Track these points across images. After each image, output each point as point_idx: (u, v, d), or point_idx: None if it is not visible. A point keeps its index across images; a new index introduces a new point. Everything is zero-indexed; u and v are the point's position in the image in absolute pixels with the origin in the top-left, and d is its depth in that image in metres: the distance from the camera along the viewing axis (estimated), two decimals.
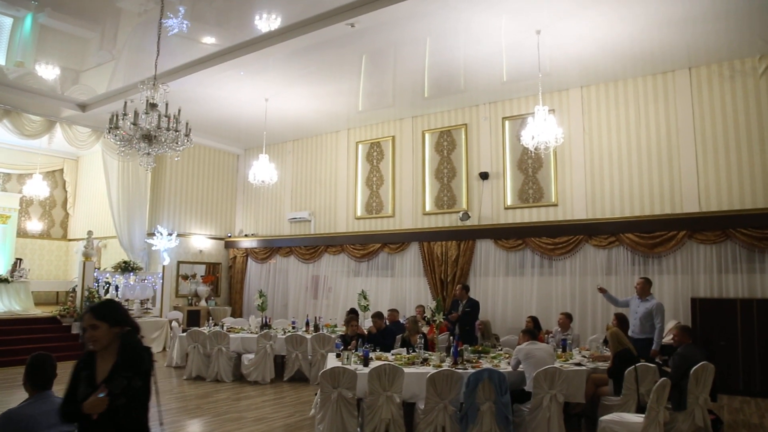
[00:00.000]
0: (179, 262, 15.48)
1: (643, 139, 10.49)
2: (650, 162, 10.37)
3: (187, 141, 7.90)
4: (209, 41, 10.29)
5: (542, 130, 8.22)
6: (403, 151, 13.69)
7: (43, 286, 17.20)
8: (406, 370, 6.30)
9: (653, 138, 10.39)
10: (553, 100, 11.34)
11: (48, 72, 13.49)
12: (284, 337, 9.77)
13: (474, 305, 8.77)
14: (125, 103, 7.51)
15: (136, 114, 7.37)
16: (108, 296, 13.63)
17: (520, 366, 6.23)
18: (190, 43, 10.69)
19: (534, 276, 11.10)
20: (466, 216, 12.07)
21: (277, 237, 15.73)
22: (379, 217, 13.92)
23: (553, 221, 11.06)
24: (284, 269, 15.49)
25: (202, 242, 16.14)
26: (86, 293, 12.57)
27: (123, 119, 7.42)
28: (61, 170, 18.86)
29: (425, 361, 6.80)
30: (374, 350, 7.66)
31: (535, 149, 8.38)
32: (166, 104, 7.77)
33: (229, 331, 10.41)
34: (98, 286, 13.20)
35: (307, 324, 11.05)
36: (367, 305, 11.04)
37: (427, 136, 13.32)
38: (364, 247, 13.60)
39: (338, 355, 7.27)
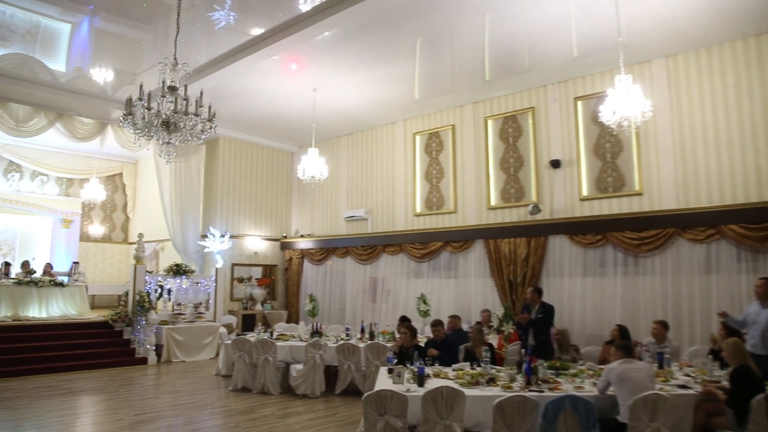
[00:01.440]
0: (233, 265, 14.96)
1: (745, 112, 8.92)
2: (755, 139, 8.80)
3: (210, 128, 7.08)
4: (251, 25, 9.56)
5: (625, 104, 6.93)
6: (464, 141, 12.57)
7: (104, 290, 17.21)
8: (469, 392, 5.25)
9: (758, 111, 8.81)
10: (633, 73, 9.87)
11: (101, 74, 13.27)
12: (335, 346, 8.89)
13: (548, 311, 7.56)
14: (140, 86, 6.78)
15: (149, 96, 6.62)
16: (160, 300, 13.25)
17: (610, 388, 5.04)
18: (232, 31, 10.04)
19: (617, 276, 9.72)
20: (536, 209, 10.82)
21: (333, 237, 14.94)
22: (439, 213, 12.85)
23: (638, 212, 9.64)
24: (341, 271, 14.68)
25: (257, 243, 15.57)
26: (137, 297, 12.15)
27: (138, 104, 6.67)
28: (121, 174, 18.87)
29: (492, 381, 5.71)
30: (433, 364, 6.65)
31: (618, 126, 7.09)
32: (185, 87, 7.00)
33: (278, 339, 9.65)
34: (150, 290, 12.79)
35: (362, 331, 10.14)
36: (427, 310, 10.03)
37: (490, 123, 12.14)
38: (425, 246, 12.56)
39: (390, 371, 6.30)
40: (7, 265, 13.25)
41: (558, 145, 10.95)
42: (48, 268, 13.92)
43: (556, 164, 10.83)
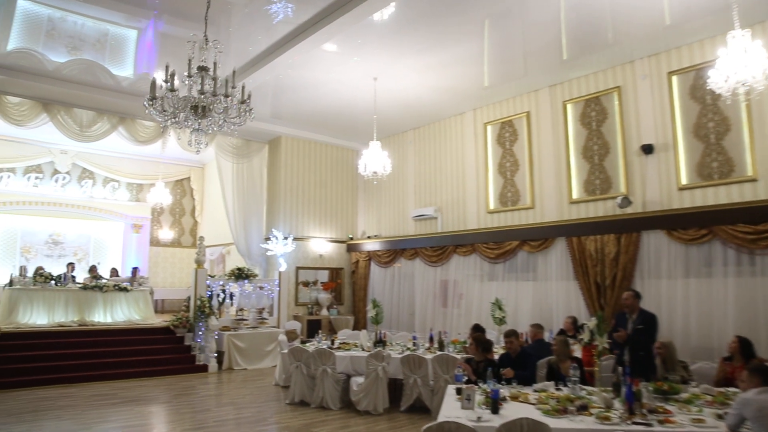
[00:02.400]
0: (298, 268, 14.40)
1: None
2: None
3: (246, 111, 6.36)
4: (302, 9, 8.84)
5: (742, 66, 5.65)
6: (540, 129, 11.39)
7: (173, 294, 17.13)
8: (555, 423, 4.25)
9: None
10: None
11: (163, 77, 13.01)
12: (400, 357, 8.01)
13: (650, 321, 6.28)
14: (167, 67, 6.14)
15: (172, 76, 5.97)
16: (223, 306, 12.84)
17: (745, 425, 3.88)
18: (284, 19, 9.39)
19: (728, 277, 8.26)
20: (626, 202, 9.52)
21: (401, 238, 14.08)
22: (515, 209, 11.72)
23: (753, 201, 8.16)
24: (409, 273, 13.80)
25: (322, 246, 14.95)
26: (198, 302, 11.77)
27: (164, 87, 6.04)
28: (188, 178, 18.85)
29: (584, 408, 4.63)
30: (509, 383, 5.64)
31: (732, 95, 5.81)
32: (214, 64, 6.31)
33: (339, 348, 8.88)
34: (213, 294, 12.40)
35: (431, 340, 9.21)
36: (503, 317, 8.98)
37: (569, 107, 10.90)
38: (499, 245, 11.47)
39: (459, 391, 5.35)
40: (71, 265, 13.25)
41: (650, 128, 9.59)
42: (113, 273, 13.86)
43: (648, 149, 9.48)
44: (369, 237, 15.14)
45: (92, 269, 13.28)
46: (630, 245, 9.32)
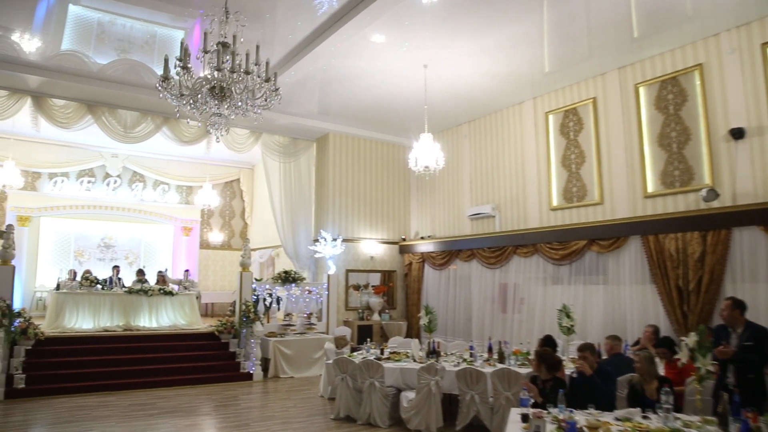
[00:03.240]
0: (347, 271, 13.75)
1: None
2: None
3: (272, 92, 5.68)
4: None
5: None
6: (609, 116, 10.31)
7: (223, 298, 16.83)
8: None
9: None
10: None
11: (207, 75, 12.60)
12: (455, 370, 7.18)
13: (761, 336, 5.17)
14: (181, 43, 5.51)
15: (185, 52, 5.33)
16: (269, 310, 12.33)
17: None
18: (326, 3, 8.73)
19: None
20: (712, 194, 8.36)
21: (456, 238, 13.21)
22: (582, 205, 10.66)
23: None
24: (466, 276, 12.91)
25: (373, 247, 14.25)
26: (243, 307, 11.28)
27: (178, 67, 5.40)
28: (238, 180, 18.58)
29: None
30: (584, 408, 4.74)
31: None
32: (234, 36, 5.64)
33: (389, 359, 8.13)
34: (258, 299, 11.90)
35: (489, 350, 8.33)
36: (572, 326, 7.99)
37: (641, 90, 9.78)
38: (564, 245, 10.44)
39: (524, 418, 4.51)
40: (116, 268, 13.03)
41: (740, 110, 8.39)
42: (161, 276, 13.60)
43: (738, 134, 8.29)
44: (422, 238, 14.34)
45: (139, 272, 13.03)
46: (718, 244, 8.15)
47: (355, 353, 8.89)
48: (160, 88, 5.34)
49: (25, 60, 10.21)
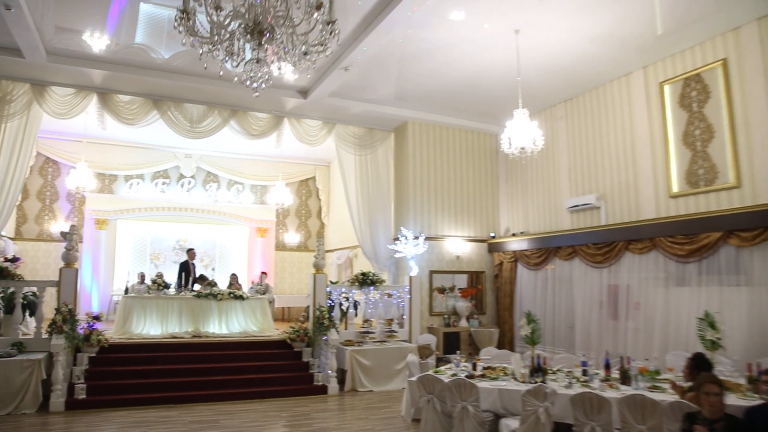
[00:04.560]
0: (431, 272, 12.45)
1: None
2: None
3: (329, 32, 4.41)
4: None
5: None
6: (744, 80, 8.43)
7: (300, 302, 15.97)
8: None
9: None
10: None
11: (276, 67, 11.69)
12: (569, 394, 5.73)
13: None
14: None
15: None
16: (346, 316, 11.24)
17: None
18: None
19: None
20: None
21: (553, 234, 11.61)
22: (712, 189, 8.83)
23: None
24: (566, 277, 11.28)
25: (459, 246, 12.88)
26: (317, 312, 10.26)
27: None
28: (313, 178, 17.76)
29: None
30: None
31: None
32: None
33: (483, 376, 6.79)
34: (333, 303, 10.85)
35: (607, 367, 6.80)
36: (718, 339, 6.31)
37: None
38: (692, 239, 8.66)
39: None
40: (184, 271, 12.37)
41: None
42: (233, 280, 12.86)
43: None
44: (514, 234, 12.81)
45: (201, 278, 12.34)
46: None
47: (442, 367, 7.60)
48: (176, 24, 4.22)
49: (91, 54, 9.74)
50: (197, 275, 12.56)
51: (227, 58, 4.16)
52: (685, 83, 9.32)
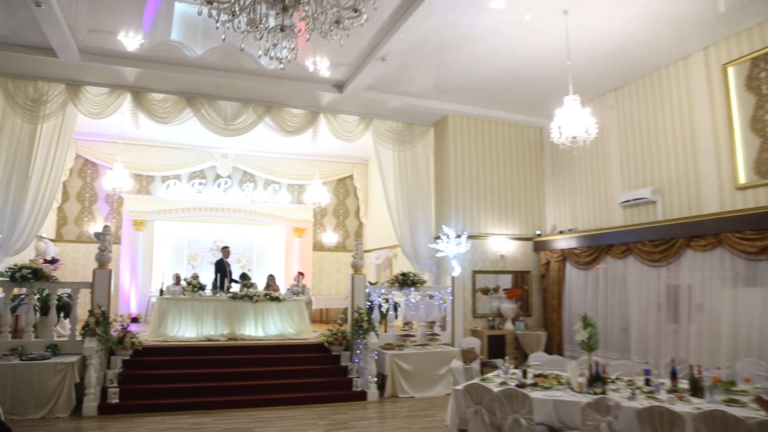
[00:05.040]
0: (474, 272, 11.89)
1: None
2: None
3: None
4: None
5: None
6: None
7: (339, 303, 15.60)
8: None
9: None
10: None
11: (312, 62, 11.42)
12: (634, 407, 5.13)
13: None
14: None
15: None
16: (386, 318, 10.79)
17: None
18: None
19: None
20: None
21: (604, 231, 10.90)
22: None
23: None
24: (619, 277, 10.58)
25: (503, 244, 12.28)
26: (355, 315, 9.83)
27: None
28: (351, 176, 17.37)
29: None
30: None
31: None
32: None
33: (536, 384, 6.23)
34: (372, 305, 10.41)
35: (674, 375, 6.15)
36: None
37: None
38: (763, 234, 7.87)
39: None
40: (220, 272, 12.10)
41: None
42: (271, 281, 12.56)
43: None
44: (561, 232, 12.13)
45: (243, 276, 12.07)
46: None
47: (489, 374, 7.06)
48: None
49: (124, 52, 9.58)
50: (239, 274, 12.32)
51: (249, 29, 3.71)
52: (753, 64, 8.52)
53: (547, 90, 10.82)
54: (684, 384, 6.03)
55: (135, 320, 13.83)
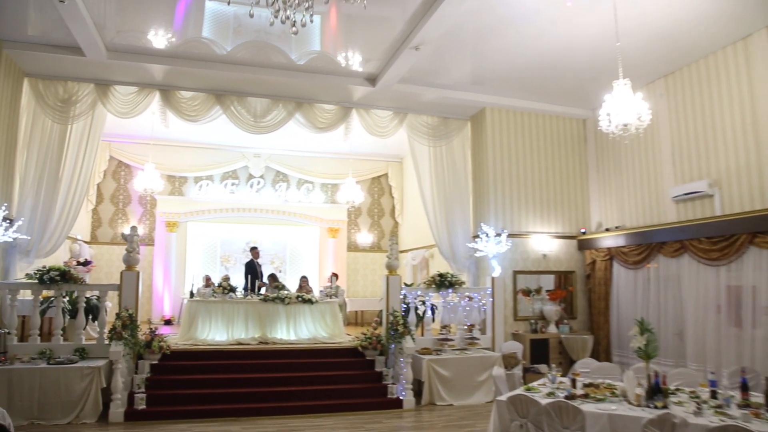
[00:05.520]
0: (515, 272, 11.30)
1: None
2: None
3: None
4: None
5: None
6: None
7: (374, 305, 15.18)
8: None
9: None
10: None
11: (344, 57, 11.03)
12: (705, 425, 4.53)
13: None
14: None
15: None
16: (422, 321, 10.32)
17: None
18: None
19: None
20: None
21: (655, 227, 10.19)
22: None
23: None
24: (673, 276, 9.85)
25: (546, 243, 11.65)
26: (390, 318, 9.39)
27: None
28: (386, 175, 16.94)
29: None
30: None
31: None
32: None
33: (586, 395, 5.66)
34: (408, 308, 9.94)
35: (744, 387, 5.49)
36: None
37: None
38: None
39: None
40: (251, 274, 11.77)
41: None
42: (303, 282, 12.21)
43: None
44: (607, 229, 11.44)
45: (272, 278, 11.75)
46: None
47: (534, 383, 6.51)
48: None
49: (152, 49, 9.39)
50: (267, 275, 12.03)
51: None
52: None
53: (593, 76, 10.17)
54: (757, 397, 5.38)
55: (168, 322, 13.70)
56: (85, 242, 13.99)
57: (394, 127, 11.62)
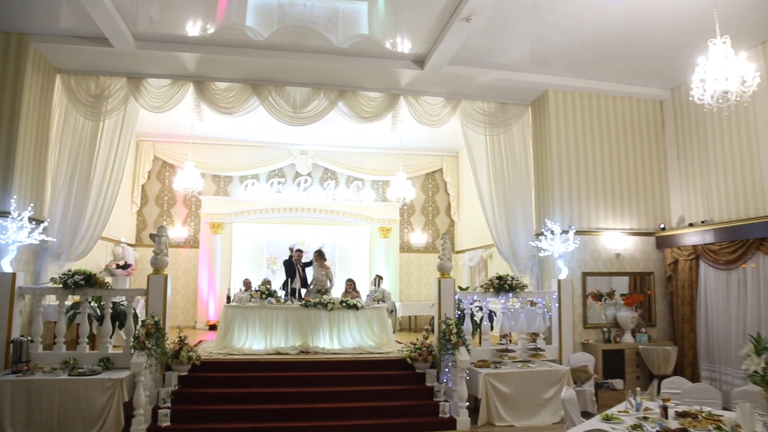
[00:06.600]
0: (584, 274, 10.03)
1: None
2: None
3: None
4: None
5: None
6: None
7: (428, 310, 14.14)
8: None
9: None
10: None
11: (391, 43, 10.09)
12: None
13: None
14: None
15: None
16: (479, 330, 9.23)
17: None
18: None
19: None
20: None
21: (753, 221, 8.70)
22: None
23: None
24: None
25: (619, 241, 10.31)
26: (443, 326, 8.36)
27: None
28: (440, 170, 15.90)
29: None
30: None
31: None
32: None
33: (684, 430, 4.48)
34: (463, 314, 8.89)
35: None
36: None
37: None
38: None
39: None
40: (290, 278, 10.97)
41: None
42: (349, 286, 11.35)
43: None
44: (692, 224, 9.98)
45: (319, 254, 10.92)
46: None
47: (613, 410, 5.34)
48: None
49: (182, 37, 8.83)
50: (315, 251, 11.32)
51: None
52: None
53: (673, 49, 8.79)
54: None
55: (213, 327, 13.14)
56: (130, 245, 13.63)
57: (446, 115, 10.58)
